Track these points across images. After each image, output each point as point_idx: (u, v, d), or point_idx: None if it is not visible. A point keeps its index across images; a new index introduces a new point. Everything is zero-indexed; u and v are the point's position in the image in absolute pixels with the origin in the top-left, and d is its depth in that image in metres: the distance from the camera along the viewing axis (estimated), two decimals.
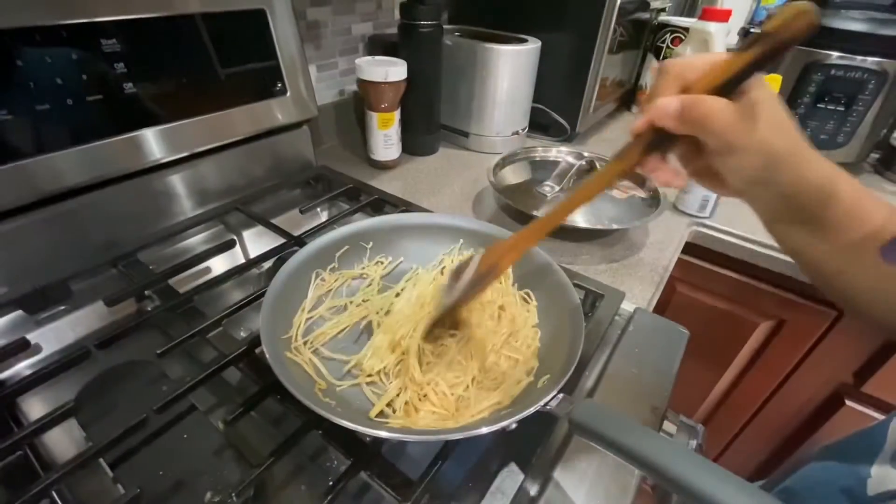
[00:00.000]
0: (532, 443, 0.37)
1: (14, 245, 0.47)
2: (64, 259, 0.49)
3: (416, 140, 0.84)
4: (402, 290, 0.48)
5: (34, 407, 0.40)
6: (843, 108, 0.77)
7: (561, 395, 0.32)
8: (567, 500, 0.33)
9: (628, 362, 0.44)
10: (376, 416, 0.36)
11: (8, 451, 0.34)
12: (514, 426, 0.31)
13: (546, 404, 0.32)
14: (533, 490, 0.34)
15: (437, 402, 0.36)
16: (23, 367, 0.43)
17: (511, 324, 0.43)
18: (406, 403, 0.37)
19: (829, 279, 0.33)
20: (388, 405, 0.37)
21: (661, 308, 0.55)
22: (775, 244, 0.65)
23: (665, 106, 0.27)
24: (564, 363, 0.35)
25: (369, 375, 0.39)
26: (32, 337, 0.44)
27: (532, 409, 0.31)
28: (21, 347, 0.42)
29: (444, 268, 0.50)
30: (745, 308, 0.79)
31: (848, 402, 0.78)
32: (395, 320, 0.43)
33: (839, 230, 0.30)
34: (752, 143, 0.26)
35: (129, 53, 0.48)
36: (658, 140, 0.29)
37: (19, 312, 0.45)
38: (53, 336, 0.46)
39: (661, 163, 0.30)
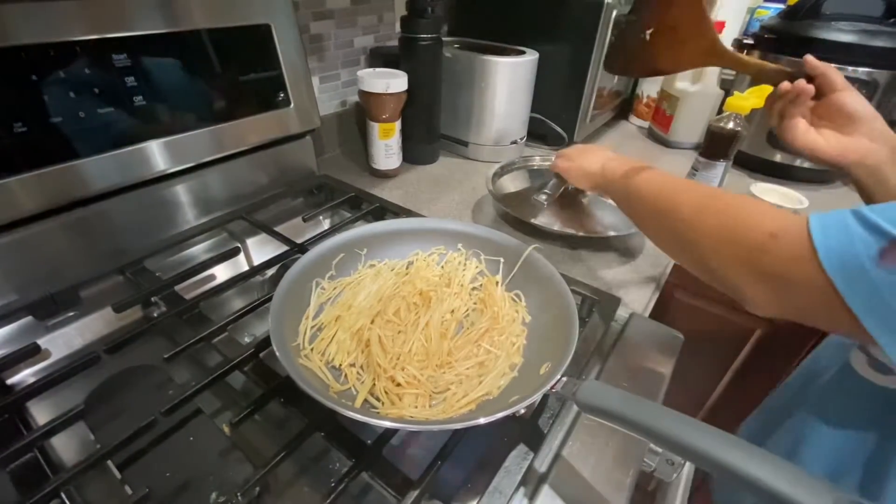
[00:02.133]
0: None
1: (25, 253, 0.48)
2: (73, 266, 0.51)
3: (417, 149, 0.85)
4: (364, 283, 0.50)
5: (44, 410, 0.41)
6: None
7: (565, 378, 0.34)
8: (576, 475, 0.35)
9: (623, 366, 0.45)
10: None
11: (19, 453, 0.35)
12: (522, 411, 0.33)
13: (552, 387, 0.33)
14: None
15: (412, 385, 0.38)
16: (33, 371, 0.44)
17: (493, 320, 0.45)
18: (386, 393, 0.38)
19: None
20: (375, 397, 0.39)
21: (658, 313, 0.56)
22: None
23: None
24: (563, 350, 0.36)
25: (354, 371, 0.41)
26: (42, 342, 0.45)
27: (540, 393, 0.33)
28: (32, 352, 0.43)
29: (409, 263, 0.52)
30: (741, 314, 0.79)
31: None
32: (355, 313, 0.45)
33: None
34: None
35: (139, 68, 0.50)
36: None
37: (30, 318, 0.47)
38: (62, 341, 0.47)
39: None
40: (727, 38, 0.95)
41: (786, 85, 0.45)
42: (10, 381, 0.43)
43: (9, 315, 0.46)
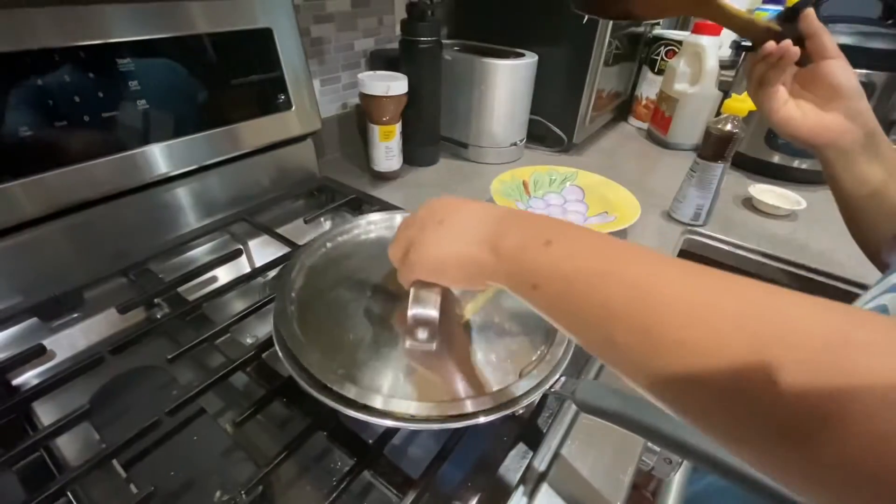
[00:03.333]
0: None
1: (30, 255, 0.49)
2: (77, 268, 0.51)
3: (417, 151, 0.86)
4: None
5: (49, 411, 0.41)
6: None
7: (564, 378, 0.34)
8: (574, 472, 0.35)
9: None
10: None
11: (26, 453, 0.35)
12: (521, 411, 0.33)
13: (551, 387, 0.34)
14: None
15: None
16: (38, 372, 0.45)
17: None
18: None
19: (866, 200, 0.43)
20: None
21: None
22: (765, 251, 0.67)
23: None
24: (562, 350, 0.37)
25: None
26: (47, 343, 0.45)
27: (539, 393, 0.33)
28: (37, 353, 0.44)
29: None
30: None
31: None
32: None
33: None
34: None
35: (142, 72, 0.50)
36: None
37: (34, 320, 0.47)
38: (67, 342, 0.47)
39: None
40: (725, 41, 0.96)
41: (770, 45, 0.41)
42: (15, 382, 0.44)
43: (14, 316, 0.46)
